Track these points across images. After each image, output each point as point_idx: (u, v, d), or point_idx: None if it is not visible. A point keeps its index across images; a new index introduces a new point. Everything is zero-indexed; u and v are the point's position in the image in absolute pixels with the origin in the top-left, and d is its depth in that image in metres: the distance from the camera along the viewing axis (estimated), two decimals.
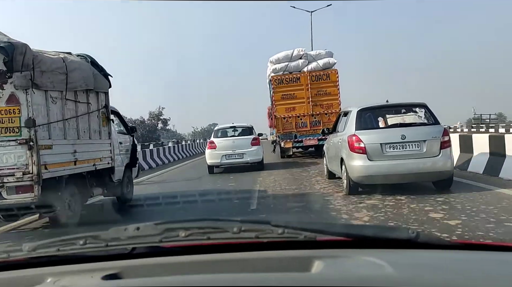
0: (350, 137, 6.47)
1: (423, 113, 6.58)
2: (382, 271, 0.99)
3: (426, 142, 6.21)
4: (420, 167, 6.17)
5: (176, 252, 1.18)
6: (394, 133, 6.34)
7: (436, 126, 6.44)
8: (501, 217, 4.66)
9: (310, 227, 1.18)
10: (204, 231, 1.19)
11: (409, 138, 6.24)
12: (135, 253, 1.17)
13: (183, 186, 9.80)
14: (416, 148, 6.24)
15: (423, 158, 6.19)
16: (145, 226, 1.21)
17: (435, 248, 1.15)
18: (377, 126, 6.65)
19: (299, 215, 5.50)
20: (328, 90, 14.98)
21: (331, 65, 15.48)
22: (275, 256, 1.12)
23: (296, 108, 14.96)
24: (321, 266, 1.01)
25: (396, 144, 6.27)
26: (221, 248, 1.17)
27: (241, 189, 8.29)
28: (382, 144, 6.29)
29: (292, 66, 15.34)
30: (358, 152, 6.35)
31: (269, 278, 1.00)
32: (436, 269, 1.02)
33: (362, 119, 6.61)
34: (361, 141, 6.33)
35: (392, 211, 5.25)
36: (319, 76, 14.99)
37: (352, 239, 1.16)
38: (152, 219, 1.34)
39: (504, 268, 1.03)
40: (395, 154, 6.26)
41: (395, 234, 1.17)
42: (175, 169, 15.14)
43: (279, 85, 15.01)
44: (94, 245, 1.19)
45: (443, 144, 6.20)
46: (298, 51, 15.65)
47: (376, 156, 6.28)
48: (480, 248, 1.22)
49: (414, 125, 6.50)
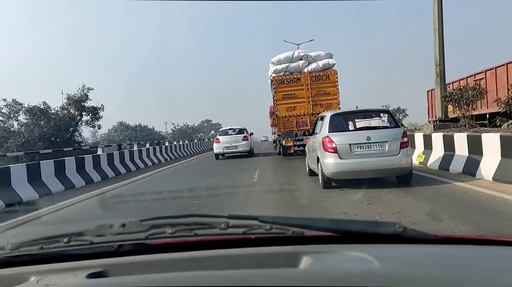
0: (324, 138, 7.49)
1: (386, 117, 7.58)
2: (369, 266, 1.01)
3: (388, 143, 7.20)
4: (383, 164, 7.16)
5: (163, 249, 1.17)
6: (361, 135, 7.34)
7: (397, 129, 7.45)
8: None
9: (297, 222, 1.18)
10: (191, 227, 1.18)
11: (373, 140, 7.24)
12: (121, 250, 1.16)
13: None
14: (379, 147, 7.23)
15: (385, 156, 7.18)
16: (131, 223, 1.20)
17: (422, 242, 1.17)
18: (347, 129, 7.66)
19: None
20: (327, 90, 15.56)
21: (331, 66, 16.05)
22: (263, 252, 1.13)
23: (297, 108, 15.57)
24: (308, 262, 1.02)
25: (362, 144, 7.27)
26: (209, 244, 1.17)
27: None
28: (351, 144, 7.30)
29: (293, 67, 15.94)
30: (330, 151, 7.37)
31: (257, 274, 1.01)
32: (422, 263, 1.05)
33: (334, 123, 7.64)
34: (333, 142, 7.36)
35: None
36: (319, 77, 15.56)
37: (339, 234, 1.17)
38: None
39: (489, 262, 1.07)
40: (361, 153, 7.26)
41: (382, 229, 1.17)
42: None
43: (280, 86, 15.61)
44: (79, 242, 1.18)
45: (402, 144, 7.19)
46: (299, 52, 16.34)
47: (345, 155, 7.30)
48: (465, 242, 1.24)
49: (378, 128, 7.48)
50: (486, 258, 1.10)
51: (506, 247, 1.19)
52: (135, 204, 7.30)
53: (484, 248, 1.19)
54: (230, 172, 12.53)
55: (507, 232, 2.35)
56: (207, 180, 10.90)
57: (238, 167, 13.76)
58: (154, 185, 10.65)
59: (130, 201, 7.73)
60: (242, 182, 9.84)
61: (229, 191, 8.12)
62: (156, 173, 13.78)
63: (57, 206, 7.63)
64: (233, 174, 11.92)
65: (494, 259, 1.09)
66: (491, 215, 5.12)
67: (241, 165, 14.24)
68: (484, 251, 1.16)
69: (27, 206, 7.86)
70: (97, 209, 7.35)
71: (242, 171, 12.38)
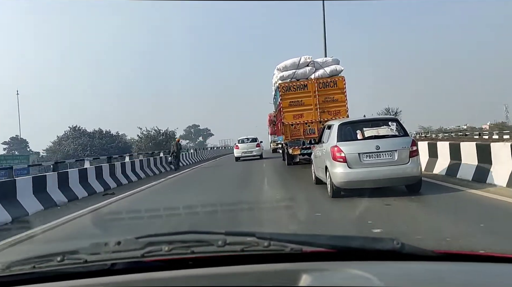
0: (332, 147, 7.47)
1: (395, 126, 7.54)
2: (369, 284, 1.01)
3: (397, 152, 7.15)
4: (393, 173, 7.11)
5: (159, 267, 1.14)
6: (370, 144, 7.30)
7: (406, 137, 7.41)
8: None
9: (295, 239, 1.18)
10: (188, 244, 1.17)
11: (382, 149, 7.20)
12: (116, 269, 1.13)
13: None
14: (389, 156, 7.18)
15: (395, 165, 7.13)
16: (126, 241, 1.18)
17: (420, 259, 1.17)
18: (355, 138, 7.63)
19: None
20: (335, 97, 15.18)
21: (338, 72, 15.73)
22: (261, 269, 1.11)
23: (304, 115, 15.23)
24: (308, 280, 1.02)
25: (371, 153, 7.23)
26: (206, 262, 1.15)
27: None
28: (360, 153, 7.26)
29: (300, 73, 15.63)
30: (339, 160, 7.34)
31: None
32: (421, 280, 1.05)
33: (343, 132, 7.61)
34: (342, 151, 7.32)
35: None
36: (326, 83, 15.22)
37: (338, 251, 1.17)
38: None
39: (485, 278, 1.07)
40: (371, 162, 7.22)
41: (380, 245, 1.17)
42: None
43: (287, 92, 15.30)
44: (72, 261, 1.14)
45: (412, 153, 7.14)
46: (305, 58, 15.87)
47: (355, 164, 7.25)
48: (463, 258, 1.23)
49: (387, 137, 7.44)
50: (483, 275, 1.10)
51: (504, 264, 1.19)
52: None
53: (482, 265, 1.19)
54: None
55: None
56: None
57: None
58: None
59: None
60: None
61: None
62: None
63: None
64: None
65: (491, 275, 1.09)
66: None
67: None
68: (482, 268, 1.17)
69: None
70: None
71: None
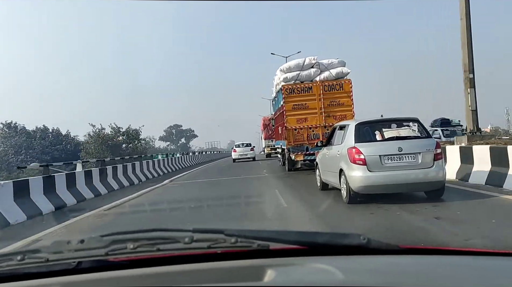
0: (350, 149, 6.97)
1: (416, 127, 7.08)
2: (333, 277, 1.03)
3: (421, 154, 6.68)
4: (416, 177, 6.63)
5: (125, 266, 1.13)
6: (392, 146, 6.82)
7: (429, 139, 6.95)
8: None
9: (263, 235, 1.18)
10: (154, 242, 1.15)
11: (405, 151, 6.72)
12: (80, 267, 1.11)
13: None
14: (412, 159, 6.71)
15: (418, 169, 6.65)
16: (90, 239, 1.16)
17: (385, 253, 1.19)
18: (374, 139, 7.16)
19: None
20: (341, 101, 14.55)
21: (344, 74, 15.08)
22: (227, 266, 1.12)
23: (308, 119, 14.58)
24: (273, 275, 1.03)
25: (393, 155, 6.75)
26: (172, 259, 1.14)
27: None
28: (381, 155, 6.77)
29: (304, 75, 14.95)
30: (358, 163, 6.84)
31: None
32: (384, 273, 1.08)
33: (360, 132, 7.13)
34: (361, 153, 6.83)
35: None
36: (332, 86, 14.58)
37: (305, 247, 1.17)
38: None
39: (450, 271, 1.10)
40: (393, 165, 6.73)
41: (346, 241, 1.18)
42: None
43: (290, 95, 14.62)
44: (34, 260, 1.11)
45: (436, 156, 6.67)
46: (310, 59, 15.15)
47: (375, 167, 6.76)
48: (427, 252, 1.26)
49: (409, 138, 6.98)
50: (443, 266, 1.12)
51: (463, 257, 1.24)
52: None
53: (443, 258, 1.21)
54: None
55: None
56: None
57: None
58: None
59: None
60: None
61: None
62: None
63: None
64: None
65: (451, 267, 1.12)
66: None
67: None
68: (442, 260, 1.19)
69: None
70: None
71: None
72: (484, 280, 1.04)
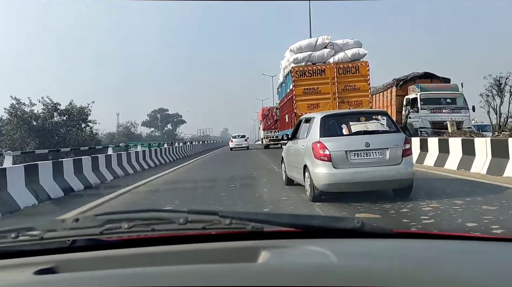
0: (314, 144, 6.44)
1: (385, 121, 6.66)
2: (326, 260, 1.03)
3: (389, 150, 6.26)
4: (383, 175, 6.21)
5: (119, 245, 1.14)
6: (359, 141, 6.36)
7: (398, 134, 6.53)
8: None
9: (257, 217, 1.18)
10: (149, 222, 1.15)
11: (372, 146, 6.28)
12: (74, 246, 1.12)
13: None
14: (380, 155, 6.28)
15: (386, 166, 6.24)
16: (85, 218, 1.18)
17: (379, 237, 1.20)
18: (341, 133, 6.67)
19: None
20: (357, 85, 13.20)
21: (361, 56, 13.75)
22: (221, 247, 1.12)
23: (320, 105, 13.20)
24: (267, 256, 1.02)
25: (360, 151, 6.29)
26: (167, 240, 1.14)
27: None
28: (347, 151, 6.30)
29: (316, 56, 13.62)
30: (323, 159, 6.33)
31: (214, 269, 1.00)
32: (377, 256, 1.07)
33: (326, 126, 6.61)
34: (326, 149, 6.32)
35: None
36: (347, 69, 13.18)
37: (299, 230, 1.17)
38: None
39: (443, 255, 1.09)
40: (359, 162, 6.27)
41: (341, 224, 1.19)
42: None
43: (301, 78, 13.24)
44: (28, 238, 1.12)
45: (405, 152, 6.28)
46: (323, 39, 13.81)
47: (341, 164, 6.28)
48: (420, 236, 1.29)
49: (377, 133, 6.55)
50: (436, 250, 1.13)
51: (456, 241, 1.24)
52: None
53: (435, 242, 1.22)
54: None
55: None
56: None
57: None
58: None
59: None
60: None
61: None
62: None
63: None
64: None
65: (443, 251, 1.12)
66: None
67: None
68: (435, 244, 1.20)
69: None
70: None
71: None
72: (476, 264, 1.03)
